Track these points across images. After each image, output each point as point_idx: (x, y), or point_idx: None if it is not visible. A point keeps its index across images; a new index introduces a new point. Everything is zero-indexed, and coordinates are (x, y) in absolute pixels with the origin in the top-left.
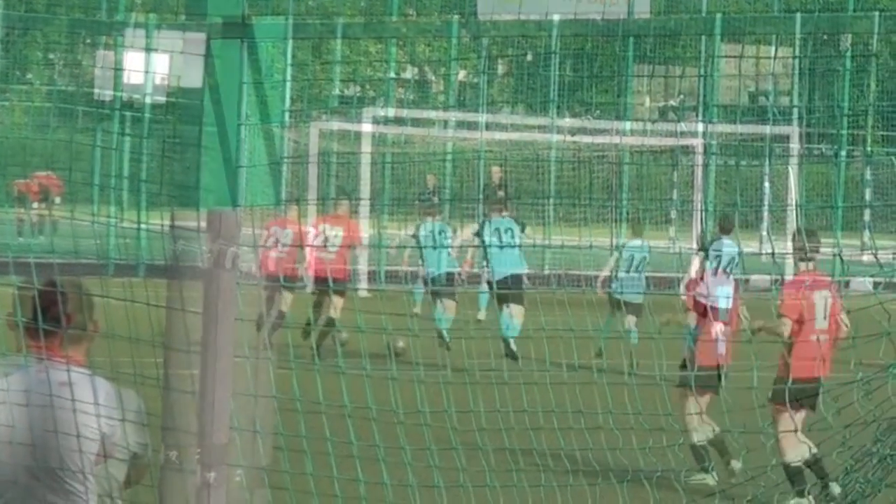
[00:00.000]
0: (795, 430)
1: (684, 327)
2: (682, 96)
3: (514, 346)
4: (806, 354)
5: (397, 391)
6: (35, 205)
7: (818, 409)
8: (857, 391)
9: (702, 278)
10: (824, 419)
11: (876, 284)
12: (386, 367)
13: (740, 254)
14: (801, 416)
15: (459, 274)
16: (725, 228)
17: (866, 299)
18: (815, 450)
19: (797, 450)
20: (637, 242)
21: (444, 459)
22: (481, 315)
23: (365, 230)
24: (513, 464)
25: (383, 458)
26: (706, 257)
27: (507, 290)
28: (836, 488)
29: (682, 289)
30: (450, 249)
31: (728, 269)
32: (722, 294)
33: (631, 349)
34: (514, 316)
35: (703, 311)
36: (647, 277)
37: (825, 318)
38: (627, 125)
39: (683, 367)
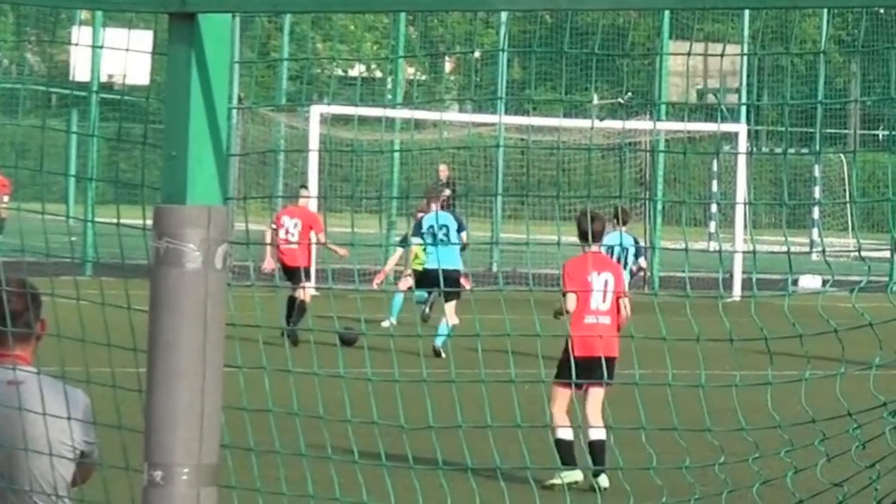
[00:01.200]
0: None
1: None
2: (630, 94)
3: (439, 346)
4: (582, 333)
5: (347, 389)
6: None
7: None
8: (804, 389)
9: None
10: (773, 418)
11: (824, 282)
12: (336, 363)
13: (626, 245)
14: (597, 393)
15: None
16: (619, 219)
17: (814, 297)
18: (602, 436)
19: (565, 423)
20: None
21: (393, 458)
22: (390, 321)
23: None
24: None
25: (331, 455)
26: (608, 250)
27: (442, 283)
28: (604, 481)
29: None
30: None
31: (623, 260)
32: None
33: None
34: (446, 314)
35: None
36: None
37: (604, 300)
38: (580, 122)
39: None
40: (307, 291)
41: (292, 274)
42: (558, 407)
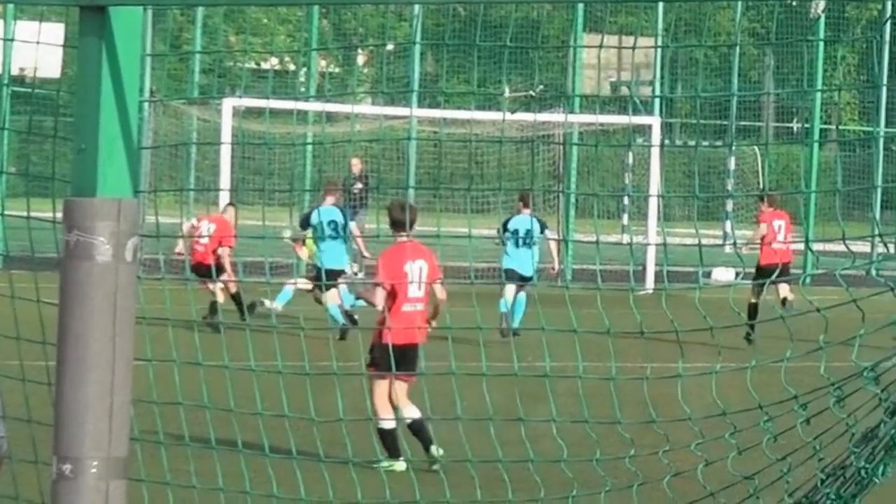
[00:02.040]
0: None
1: (502, 299)
2: (542, 86)
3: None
4: (401, 322)
5: (258, 382)
6: None
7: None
8: (714, 381)
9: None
10: (683, 409)
11: (737, 274)
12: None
13: (533, 228)
14: (402, 382)
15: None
16: (526, 202)
17: (727, 289)
18: (418, 414)
19: (389, 414)
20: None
21: (303, 451)
22: (273, 305)
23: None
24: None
25: (241, 448)
26: (504, 230)
27: (333, 282)
28: (436, 451)
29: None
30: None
31: (527, 241)
32: (516, 264)
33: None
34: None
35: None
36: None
37: (420, 287)
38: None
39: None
40: (230, 286)
41: (202, 273)
42: (381, 396)
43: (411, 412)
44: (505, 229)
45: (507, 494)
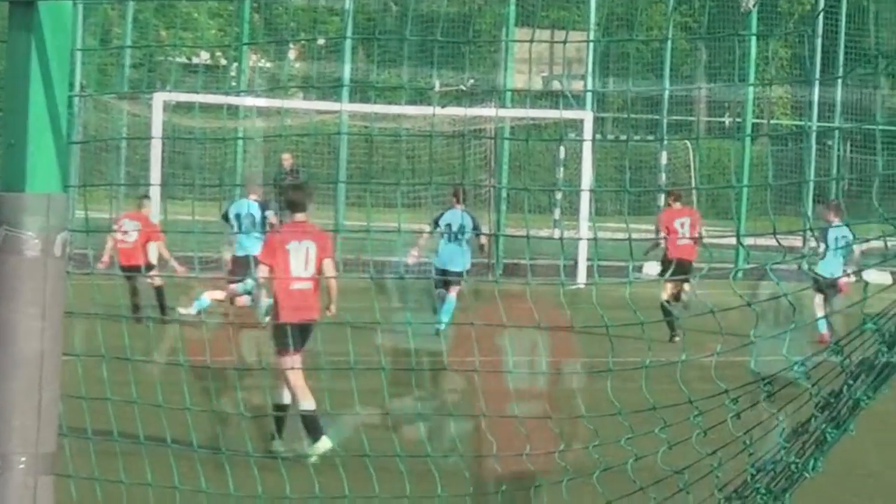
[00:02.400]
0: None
1: (438, 295)
2: (472, 81)
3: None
4: (292, 300)
5: (187, 377)
6: None
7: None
8: (644, 376)
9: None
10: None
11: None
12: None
13: (466, 224)
14: (297, 358)
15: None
16: (458, 197)
17: (657, 284)
18: (313, 406)
19: (308, 395)
20: None
21: (231, 447)
22: (190, 311)
23: (156, 216)
24: (338, 456)
25: (170, 444)
26: (436, 226)
27: (245, 269)
28: (322, 447)
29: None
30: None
31: (458, 236)
32: (444, 261)
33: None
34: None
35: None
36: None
37: (305, 267)
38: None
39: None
40: (154, 280)
41: (131, 272)
42: (297, 375)
43: (308, 403)
44: (437, 224)
45: (436, 489)
